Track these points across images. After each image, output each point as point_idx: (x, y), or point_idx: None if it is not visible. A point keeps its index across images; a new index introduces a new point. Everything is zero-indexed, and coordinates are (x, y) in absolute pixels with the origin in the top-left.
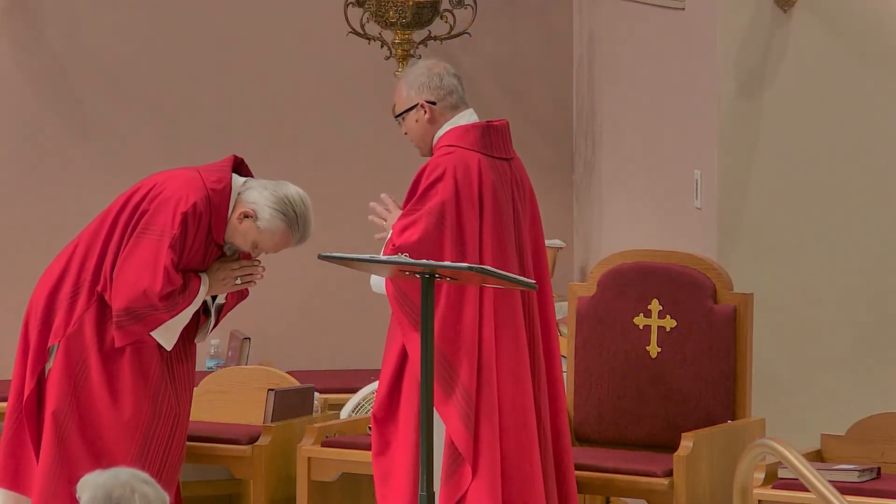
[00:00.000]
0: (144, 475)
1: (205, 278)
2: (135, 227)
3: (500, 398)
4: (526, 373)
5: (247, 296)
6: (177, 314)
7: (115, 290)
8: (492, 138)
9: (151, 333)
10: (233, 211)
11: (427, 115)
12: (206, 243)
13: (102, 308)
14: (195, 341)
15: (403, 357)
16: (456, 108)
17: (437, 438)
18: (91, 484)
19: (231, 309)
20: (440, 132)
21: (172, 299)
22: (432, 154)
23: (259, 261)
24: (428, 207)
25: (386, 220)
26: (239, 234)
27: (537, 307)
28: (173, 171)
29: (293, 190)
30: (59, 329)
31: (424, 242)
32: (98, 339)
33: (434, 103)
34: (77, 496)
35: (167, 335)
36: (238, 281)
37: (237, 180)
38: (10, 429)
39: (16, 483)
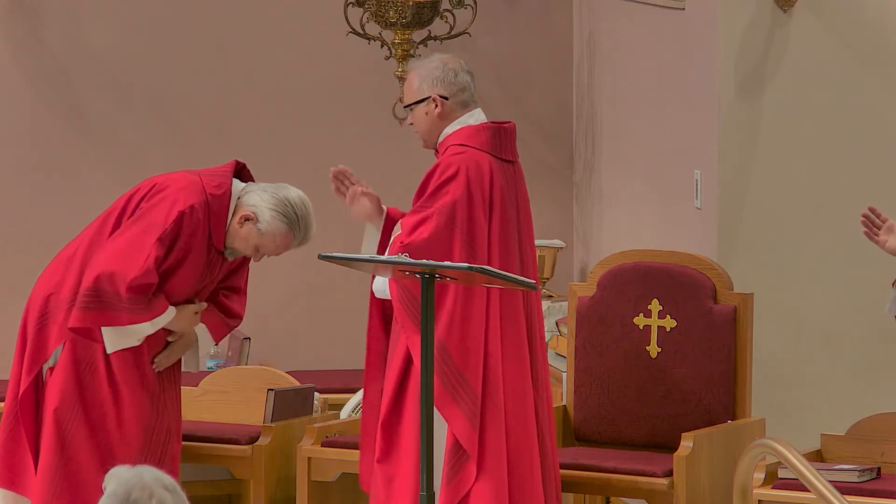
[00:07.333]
0: (169, 480)
1: (173, 309)
2: None
3: (504, 400)
4: (527, 374)
5: (236, 327)
6: (134, 322)
7: (89, 267)
8: (501, 140)
9: (102, 329)
10: (233, 215)
11: (438, 110)
12: (207, 250)
13: None
14: (186, 368)
15: (407, 362)
16: (466, 105)
17: (438, 443)
18: (117, 477)
19: (222, 337)
20: (448, 129)
21: (138, 298)
22: (435, 148)
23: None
24: (439, 206)
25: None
26: (240, 238)
27: (534, 309)
28: (175, 174)
29: (293, 192)
30: (64, 330)
31: (434, 241)
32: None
33: (447, 98)
34: (103, 486)
35: (116, 339)
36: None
37: (237, 185)
38: (7, 428)
39: (14, 482)
